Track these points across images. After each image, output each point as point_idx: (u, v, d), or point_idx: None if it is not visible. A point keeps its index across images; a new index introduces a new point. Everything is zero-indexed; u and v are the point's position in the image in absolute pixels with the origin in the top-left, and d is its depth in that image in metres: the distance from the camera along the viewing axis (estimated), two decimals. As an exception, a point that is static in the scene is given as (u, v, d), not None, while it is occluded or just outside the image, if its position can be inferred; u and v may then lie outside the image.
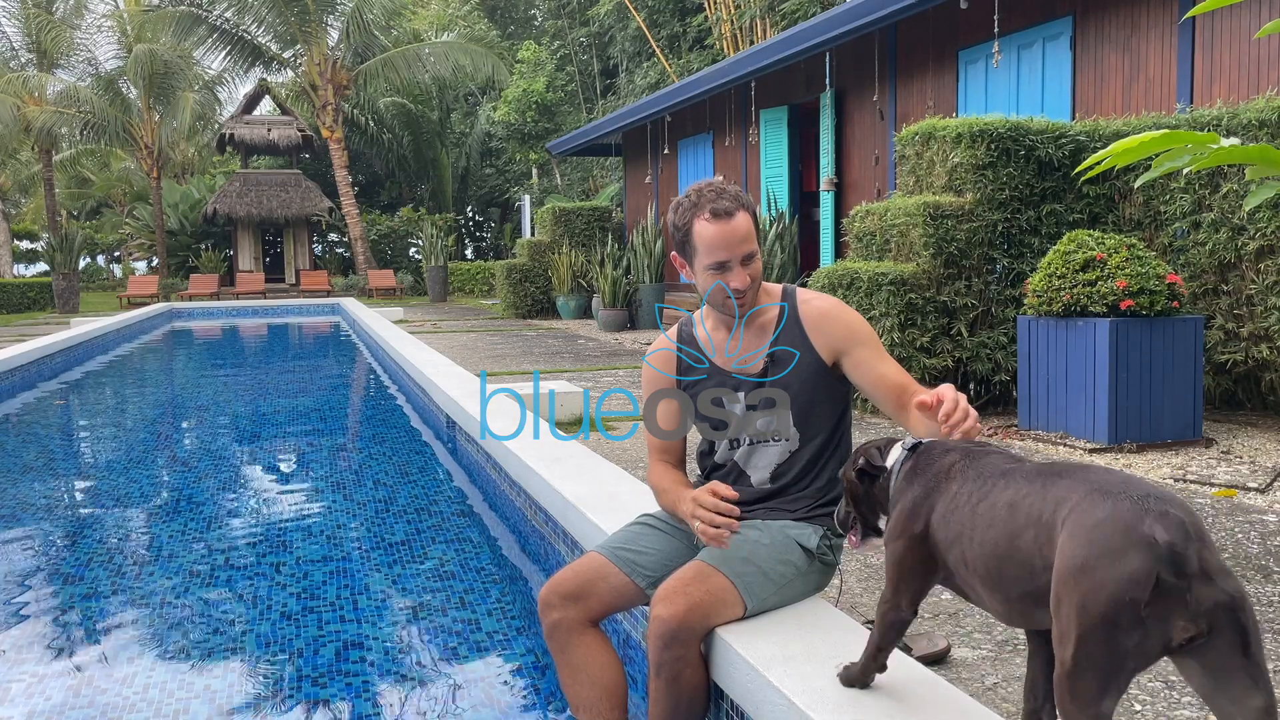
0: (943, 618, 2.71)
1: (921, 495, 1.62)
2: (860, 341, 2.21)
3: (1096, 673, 1.24)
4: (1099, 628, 1.22)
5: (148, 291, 24.29)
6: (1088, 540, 1.26)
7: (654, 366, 2.37)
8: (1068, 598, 1.27)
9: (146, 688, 2.79)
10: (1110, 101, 7.51)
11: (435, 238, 23.33)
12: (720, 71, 12.13)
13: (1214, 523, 3.64)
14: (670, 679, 2.02)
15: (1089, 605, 1.23)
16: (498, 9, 32.36)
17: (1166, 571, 1.20)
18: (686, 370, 2.33)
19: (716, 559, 2.11)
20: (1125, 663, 1.23)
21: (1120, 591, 1.21)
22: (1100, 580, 1.23)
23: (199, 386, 10.12)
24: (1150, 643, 1.23)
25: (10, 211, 36.72)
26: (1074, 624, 1.25)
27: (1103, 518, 1.27)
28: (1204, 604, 1.21)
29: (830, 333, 2.22)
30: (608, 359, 10.01)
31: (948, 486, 1.58)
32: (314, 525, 4.53)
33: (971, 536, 1.50)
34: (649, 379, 2.39)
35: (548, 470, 3.69)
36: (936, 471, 1.63)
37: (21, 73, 26.13)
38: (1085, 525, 1.28)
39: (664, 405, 2.35)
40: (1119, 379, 5.01)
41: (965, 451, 1.63)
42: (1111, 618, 1.22)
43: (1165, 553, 1.21)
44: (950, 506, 1.56)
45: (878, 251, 6.33)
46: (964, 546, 1.51)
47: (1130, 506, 1.26)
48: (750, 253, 2.16)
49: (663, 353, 2.37)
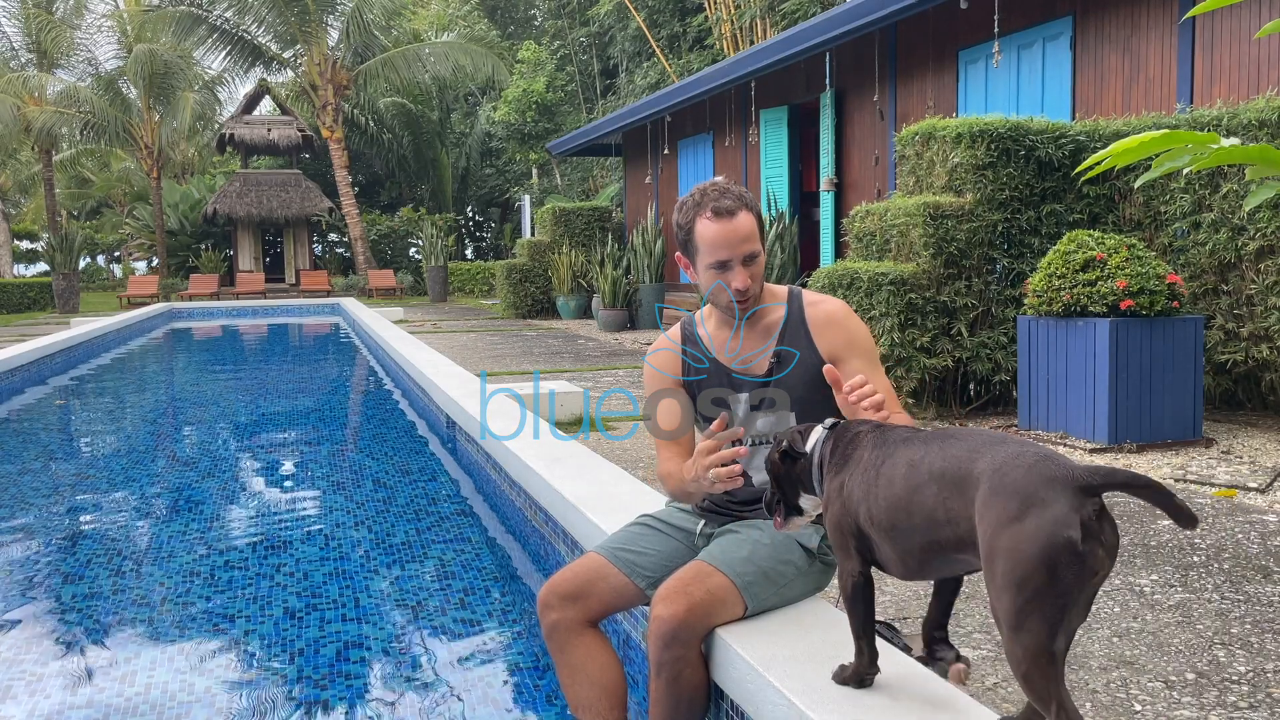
0: (943, 618, 2.72)
1: (840, 464, 1.78)
2: (858, 353, 2.21)
3: (1043, 615, 1.32)
4: (1040, 570, 1.31)
5: (148, 291, 24.30)
6: (1014, 494, 1.37)
7: (655, 366, 2.36)
8: (1005, 550, 1.35)
9: (148, 688, 2.79)
10: (1110, 102, 7.51)
11: (435, 238, 23.33)
12: (720, 71, 12.13)
13: (1214, 523, 3.64)
14: (670, 679, 2.02)
15: (1027, 551, 1.32)
16: (498, 9, 32.37)
17: (1086, 511, 1.33)
18: (688, 370, 2.32)
19: (717, 559, 2.11)
20: (1069, 598, 1.33)
21: (1056, 532, 1.32)
22: (1035, 527, 1.33)
23: (199, 387, 10.12)
24: (1084, 575, 1.33)
25: (10, 211, 36.73)
26: (1014, 573, 1.33)
27: (1022, 473, 1.38)
28: (1108, 544, 1.35)
29: (833, 339, 2.22)
30: (608, 359, 10.02)
31: (859, 454, 1.74)
32: (314, 525, 4.53)
33: (876, 494, 1.64)
34: (651, 378, 2.37)
35: (548, 470, 3.69)
36: (849, 441, 1.79)
37: (21, 73, 26.13)
38: (1008, 482, 1.39)
39: (666, 404, 2.34)
40: (1119, 379, 5.01)
41: (874, 425, 1.79)
42: (1051, 559, 1.31)
43: (1084, 500, 1.34)
44: (859, 470, 1.71)
45: (878, 251, 6.33)
46: (870, 504, 1.65)
47: (1041, 460, 1.39)
48: (752, 252, 2.15)
49: (665, 352, 2.36)
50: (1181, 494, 4.08)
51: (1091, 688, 2.27)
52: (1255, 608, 2.76)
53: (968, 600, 2.85)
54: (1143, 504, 3.91)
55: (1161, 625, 2.64)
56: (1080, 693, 2.24)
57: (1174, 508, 1.34)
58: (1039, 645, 1.33)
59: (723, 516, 2.30)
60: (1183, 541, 3.41)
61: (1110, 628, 2.63)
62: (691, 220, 2.18)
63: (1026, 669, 1.35)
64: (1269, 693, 2.24)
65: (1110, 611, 2.75)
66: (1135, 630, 2.61)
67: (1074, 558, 1.31)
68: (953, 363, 5.93)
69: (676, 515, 2.37)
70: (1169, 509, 1.34)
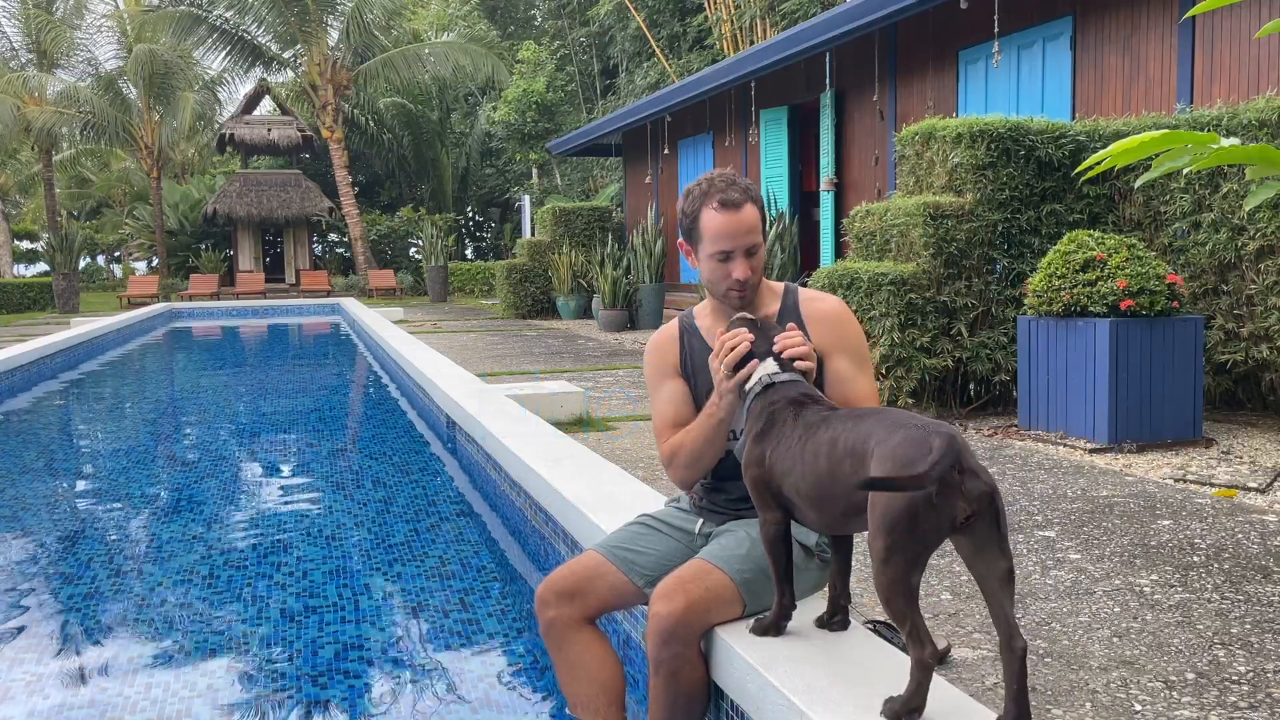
0: (942, 618, 2.72)
1: (762, 432, 1.99)
2: (846, 351, 2.23)
3: (904, 553, 1.62)
4: (904, 518, 1.61)
5: (148, 291, 24.29)
6: (891, 457, 1.66)
7: (655, 353, 2.39)
8: (880, 502, 1.65)
9: (148, 687, 2.79)
10: (1110, 102, 7.51)
11: (435, 238, 23.32)
12: (720, 71, 12.13)
13: (1214, 523, 3.64)
14: (669, 676, 2.02)
15: (895, 502, 1.62)
16: (498, 9, 32.36)
17: (946, 470, 1.59)
18: (687, 356, 2.34)
19: (716, 557, 2.11)
20: (926, 540, 1.62)
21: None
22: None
23: (199, 387, 10.12)
24: (941, 523, 1.62)
25: (10, 211, 36.72)
26: (884, 519, 1.63)
27: (900, 440, 1.67)
28: (973, 492, 1.61)
29: (824, 334, 2.23)
30: (608, 359, 10.02)
31: (780, 430, 1.96)
32: (314, 525, 4.53)
33: (801, 470, 1.88)
34: (651, 365, 2.39)
35: (548, 470, 3.69)
36: (772, 414, 1.99)
37: (21, 73, 26.12)
38: (888, 446, 1.68)
39: (669, 387, 2.35)
40: (1119, 379, 5.01)
41: (793, 400, 1.98)
42: (912, 509, 1.60)
43: (945, 460, 1.60)
44: (782, 445, 1.94)
45: (878, 251, 6.33)
46: (795, 479, 1.90)
47: (918, 431, 1.67)
48: (754, 245, 2.18)
49: (664, 339, 2.39)
50: (1181, 494, 4.08)
51: (1091, 688, 2.27)
52: (1255, 608, 2.77)
53: (967, 600, 2.85)
54: (1142, 504, 3.91)
55: (1161, 625, 2.65)
56: (1080, 693, 2.24)
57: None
58: (900, 577, 1.63)
59: (721, 515, 2.30)
60: (1183, 541, 3.41)
61: (1110, 628, 2.63)
62: (697, 209, 2.20)
63: (889, 595, 1.65)
64: (1269, 693, 2.24)
65: (1110, 611, 2.75)
66: (1135, 630, 2.61)
67: (930, 509, 1.60)
68: (953, 363, 5.93)
69: (675, 515, 2.37)
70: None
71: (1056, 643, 2.53)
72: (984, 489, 1.63)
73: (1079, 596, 2.87)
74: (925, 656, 1.64)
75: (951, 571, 3.11)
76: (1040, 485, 4.26)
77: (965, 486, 1.61)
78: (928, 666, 1.65)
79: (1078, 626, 2.64)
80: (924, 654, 1.64)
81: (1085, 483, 4.30)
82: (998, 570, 1.65)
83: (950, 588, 2.96)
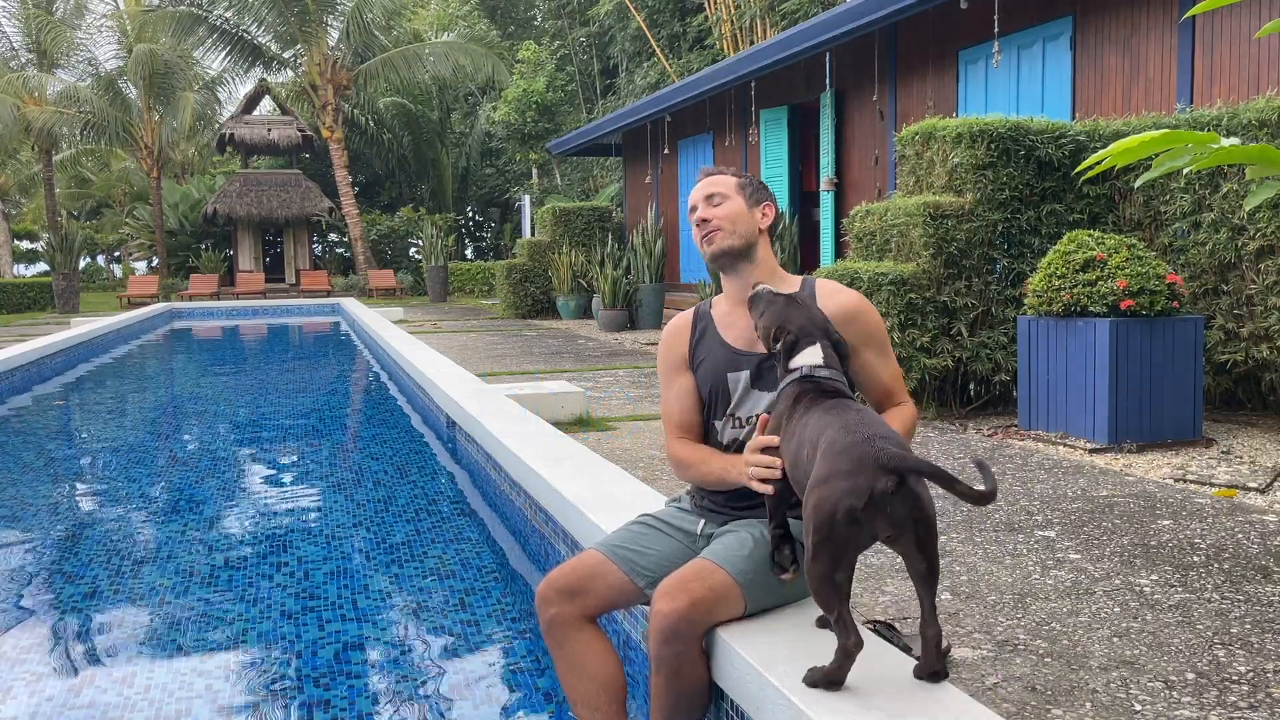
0: (943, 618, 2.72)
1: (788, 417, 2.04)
2: (872, 345, 2.29)
3: (828, 554, 1.73)
4: (827, 523, 1.72)
5: (148, 291, 24.28)
6: (830, 463, 1.76)
7: (667, 344, 2.43)
8: (812, 501, 1.76)
9: (147, 688, 2.79)
10: (1110, 102, 7.51)
11: (435, 238, 23.32)
12: (720, 71, 12.13)
13: (1214, 523, 3.64)
14: (670, 674, 2.02)
15: (823, 506, 1.73)
16: (498, 9, 32.36)
17: (877, 492, 1.69)
18: (698, 341, 2.38)
19: (719, 556, 2.12)
20: (847, 546, 1.73)
21: (843, 498, 1.71)
22: (833, 490, 1.73)
23: (199, 387, 10.12)
24: (862, 536, 1.73)
25: (10, 211, 36.71)
26: (812, 519, 1.75)
27: (843, 448, 1.77)
28: (898, 515, 1.71)
29: (848, 332, 2.24)
30: (608, 359, 10.02)
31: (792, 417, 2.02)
32: (314, 525, 4.53)
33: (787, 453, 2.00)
34: (661, 358, 2.44)
35: (548, 470, 3.69)
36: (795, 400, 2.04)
37: (21, 73, 26.12)
38: (831, 452, 1.78)
39: (678, 383, 2.39)
40: (1119, 379, 5.01)
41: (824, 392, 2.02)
42: (836, 516, 1.71)
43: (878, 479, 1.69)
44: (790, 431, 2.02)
45: (878, 251, 6.33)
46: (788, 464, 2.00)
47: (863, 443, 1.75)
48: (716, 193, 2.34)
49: (677, 327, 2.44)
50: (1181, 494, 4.08)
51: (1091, 688, 2.27)
52: (1255, 608, 2.77)
53: (967, 600, 2.85)
54: (1143, 504, 3.91)
55: (1161, 625, 2.65)
56: (1080, 693, 2.24)
57: (961, 491, 1.71)
58: (824, 574, 1.75)
59: (722, 516, 2.30)
60: (1183, 541, 3.41)
61: (1110, 628, 2.63)
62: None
63: (816, 587, 1.77)
64: (1269, 693, 2.24)
65: (1110, 611, 2.75)
66: (1135, 630, 2.61)
67: (852, 521, 1.70)
68: (953, 363, 5.93)
69: (677, 515, 2.37)
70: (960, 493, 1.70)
71: (1056, 643, 2.53)
72: (912, 515, 1.72)
73: (1079, 596, 2.87)
74: (849, 645, 1.77)
75: (951, 572, 3.11)
76: (1040, 485, 4.26)
77: (891, 509, 1.70)
78: (849, 653, 1.77)
79: (1078, 626, 2.64)
80: (848, 643, 1.77)
81: (1085, 483, 4.30)
82: (919, 570, 1.79)
83: (950, 588, 2.96)
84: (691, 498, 2.40)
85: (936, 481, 1.71)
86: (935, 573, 1.79)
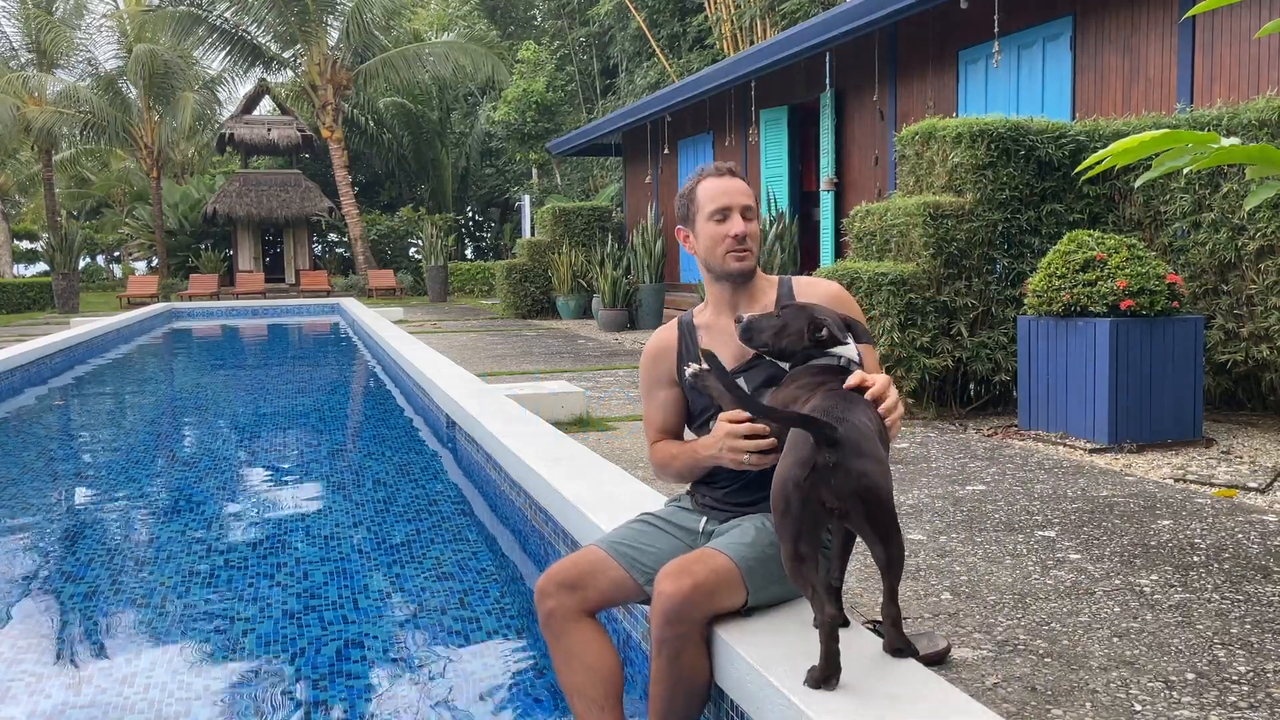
0: (943, 618, 2.72)
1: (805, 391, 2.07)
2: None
3: (785, 529, 1.83)
4: (779, 498, 1.83)
5: (147, 291, 24.28)
6: (790, 441, 1.87)
7: (651, 361, 2.44)
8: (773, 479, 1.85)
9: (147, 688, 2.79)
10: (1110, 101, 7.51)
11: (435, 238, 23.32)
12: (720, 71, 12.13)
13: (1214, 523, 3.64)
14: (671, 657, 2.02)
15: (776, 483, 1.84)
16: (498, 9, 32.35)
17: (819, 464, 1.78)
18: (682, 363, 2.37)
19: (722, 544, 2.13)
20: (801, 519, 1.81)
21: (789, 470, 1.82)
22: (785, 464, 1.84)
23: (199, 387, 10.12)
24: (810, 507, 1.80)
25: (10, 211, 36.71)
26: (772, 496, 1.85)
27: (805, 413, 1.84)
28: (842, 488, 1.78)
29: None
30: (608, 359, 10.01)
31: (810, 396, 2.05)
32: (314, 525, 4.53)
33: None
34: (645, 373, 2.46)
35: (548, 470, 3.69)
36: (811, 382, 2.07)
37: (21, 73, 26.11)
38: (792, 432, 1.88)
39: (662, 395, 2.43)
40: (1119, 379, 5.01)
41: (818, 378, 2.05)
42: (785, 490, 1.81)
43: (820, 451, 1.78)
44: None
45: (878, 251, 6.33)
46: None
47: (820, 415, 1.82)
48: (749, 206, 2.29)
49: (661, 346, 2.43)
50: (1181, 494, 4.08)
51: (1091, 688, 2.27)
52: (1255, 608, 2.76)
53: (967, 600, 2.85)
54: (1142, 504, 3.91)
55: (1161, 625, 2.65)
56: (1080, 693, 2.24)
57: (810, 425, 1.79)
58: (788, 550, 1.83)
59: (724, 512, 2.30)
60: (1183, 541, 3.41)
61: (1110, 628, 2.63)
62: (693, 187, 2.34)
63: (786, 567, 1.85)
64: (1269, 693, 2.24)
65: (1110, 611, 2.75)
66: (1135, 630, 2.61)
67: (797, 491, 1.79)
68: (953, 363, 5.93)
69: (678, 514, 2.37)
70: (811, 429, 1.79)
71: (1056, 643, 2.53)
72: (852, 488, 1.78)
73: (1079, 596, 2.87)
74: (824, 618, 1.81)
75: (951, 571, 3.11)
76: (1040, 485, 4.26)
77: (834, 480, 1.77)
78: (828, 629, 1.81)
79: (1078, 626, 2.64)
80: (822, 617, 1.82)
81: (1085, 483, 4.30)
82: (877, 555, 1.87)
83: (950, 588, 2.96)
84: (693, 496, 2.40)
85: (805, 429, 1.81)
86: (893, 554, 1.84)
